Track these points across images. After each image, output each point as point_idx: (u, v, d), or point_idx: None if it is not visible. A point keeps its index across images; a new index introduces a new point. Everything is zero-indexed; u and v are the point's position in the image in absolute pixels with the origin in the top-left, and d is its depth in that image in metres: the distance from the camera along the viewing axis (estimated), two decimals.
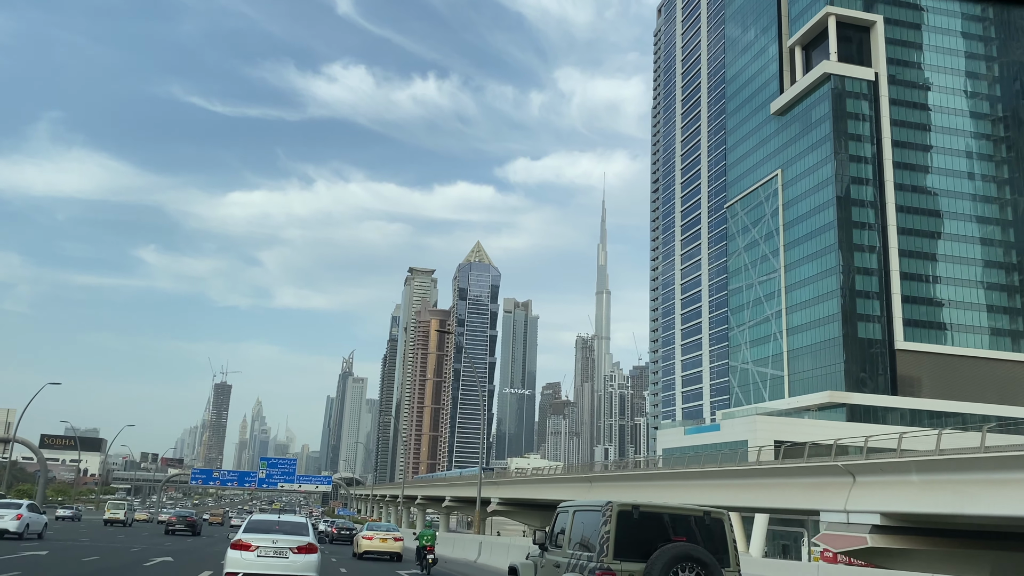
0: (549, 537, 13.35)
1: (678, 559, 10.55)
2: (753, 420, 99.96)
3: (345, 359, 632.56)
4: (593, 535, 11.41)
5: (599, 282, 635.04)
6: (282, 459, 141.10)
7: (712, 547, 11.17)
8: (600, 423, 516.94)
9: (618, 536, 11.01)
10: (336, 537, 60.58)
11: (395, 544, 36.40)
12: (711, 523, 11.47)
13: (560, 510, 13.42)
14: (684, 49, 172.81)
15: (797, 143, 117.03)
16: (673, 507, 11.57)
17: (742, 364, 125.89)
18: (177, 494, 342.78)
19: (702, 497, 46.12)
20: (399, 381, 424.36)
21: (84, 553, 27.68)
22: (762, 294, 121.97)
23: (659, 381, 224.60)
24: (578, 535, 12.13)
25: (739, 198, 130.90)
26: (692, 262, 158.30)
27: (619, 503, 11.30)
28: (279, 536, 16.81)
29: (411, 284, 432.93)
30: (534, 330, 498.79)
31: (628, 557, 10.91)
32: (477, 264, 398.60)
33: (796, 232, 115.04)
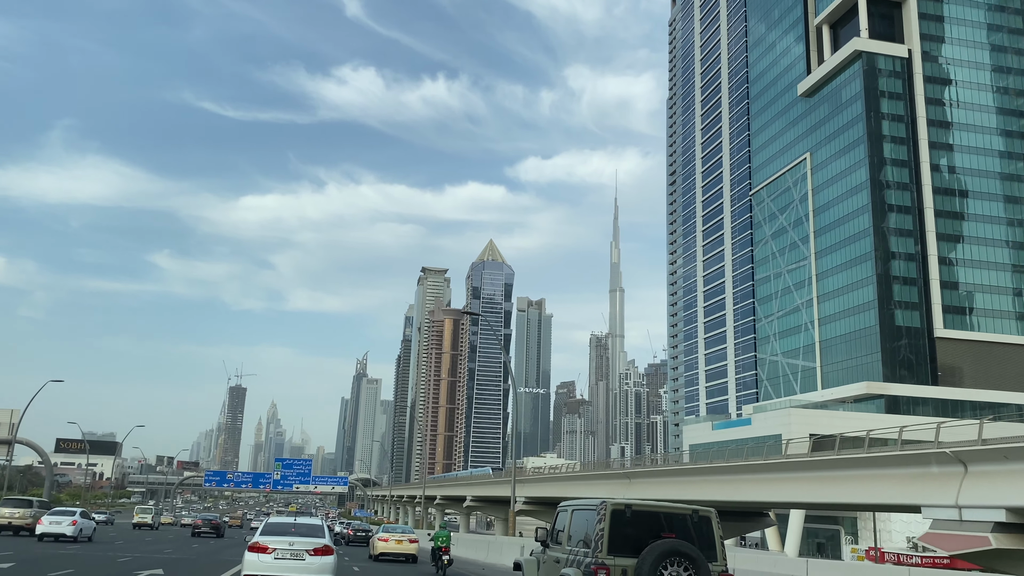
0: (550, 535, 14.00)
1: (667, 554, 11.12)
2: (787, 413, 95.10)
3: (359, 360, 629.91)
4: (589, 532, 11.98)
5: (612, 280, 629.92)
6: (297, 460, 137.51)
7: (700, 543, 11.77)
8: (616, 421, 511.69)
9: (612, 533, 11.59)
10: (352, 539, 59.95)
11: (410, 546, 36.68)
12: (699, 521, 12.03)
13: (560, 509, 13.89)
14: (703, 35, 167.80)
15: (826, 125, 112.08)
16: (664, 506, 12.10)
17: (771, 356, 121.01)
18: (193, 497, 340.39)
19: (759, 493, 41.56)
20: (413, 381, 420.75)
21: (120, 554, 31.42)
22: (791, 283, 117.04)
23: (679, 377, 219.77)
24: (576, 532, 12.70)
25: (765, 184, 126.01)
26: (715, 253, 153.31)
27: (613, 502, 11.85)
28: (295, 538, 16.93)
29: (424, 284, 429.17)
30: (548, 329, 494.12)
31: (621, 553, 11.48)
32: (490, 263, 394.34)
33: (827, 217, 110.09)
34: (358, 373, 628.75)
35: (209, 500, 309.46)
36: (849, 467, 30.82)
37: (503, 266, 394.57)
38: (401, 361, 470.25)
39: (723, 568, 11.92)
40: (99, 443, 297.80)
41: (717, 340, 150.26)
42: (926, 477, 26.83)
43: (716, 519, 12.30)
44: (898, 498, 28.09)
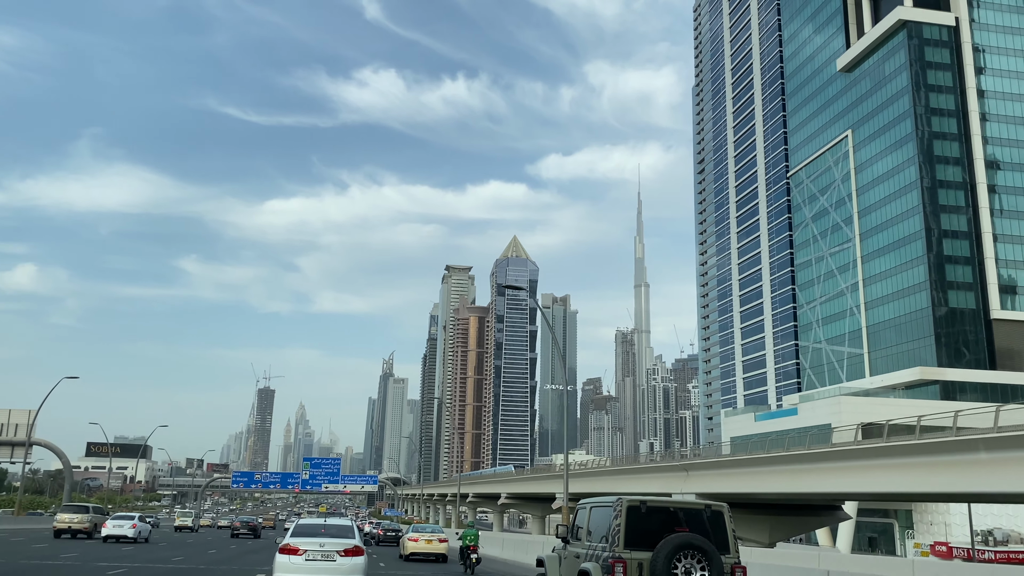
0: (571, 531, 14.39)
1: (681, 547, 11.56)
2: (837, 402, 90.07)
3: (385, 360, 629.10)
4: (606, 528, 12.43)
5: (637, 275, 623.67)
6: (325, 459, 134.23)
7: (714, 537, 12.14)
8: (644, 417, 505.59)
9: (628, 528, 12.01)
10: (382, 539, 59.78)
11: (440, 545, 36.83)
12: (712, 515, 12.38)
13: (579, 507, 14.26)
14: (731, 15, 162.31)
15: (869, 100, 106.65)
16: (678, 502, 12.53)
17: (814, 344, 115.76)
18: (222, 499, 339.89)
19: (840, 483, 37.10)
20: (440, 380, 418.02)
21: (177, 553, 34.56)
22: (834, 266, 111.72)
23: (712, 370, 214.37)
24: (594, 529, 13.09)
25: (803, 165, 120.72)
26: (750, 240, 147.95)
27: (628, 499, 12.29)
28: (326, 539, 16.95)
29: (448, 282, 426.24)
30: (573, 325, 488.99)
31: (637, 547, 11.88)
32: (514, 259, 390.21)
33: (871, 197, 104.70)
34: (384, 373, 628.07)
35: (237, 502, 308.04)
36: (903, 455, 26.49)
37: (527, 262, 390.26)
38: (427, 360, 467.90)
39: (736, 560, 12.27)
40: (129, 446, 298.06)
41: (754, 330, 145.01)
42: (975, 464, 22.55)
43: (728, 513, 12.63)
44: (951, 486, 23.86)
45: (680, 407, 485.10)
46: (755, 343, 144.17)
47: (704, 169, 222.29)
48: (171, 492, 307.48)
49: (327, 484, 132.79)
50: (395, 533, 59.09)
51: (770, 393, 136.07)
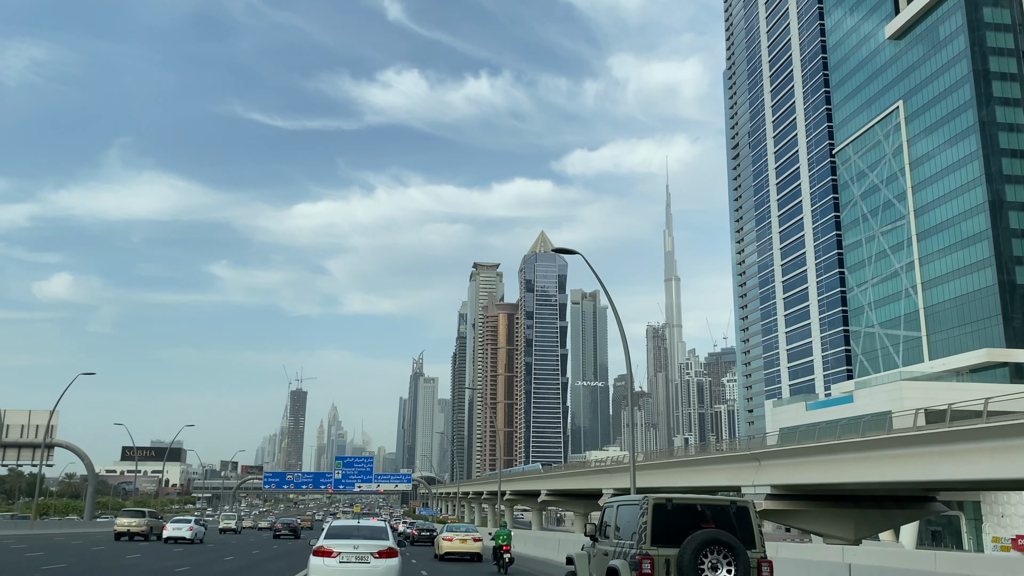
0: (599, 529, 14.55)
1: (707, 543, 11.65)
2: (898, 387, 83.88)
3: (415, 360, 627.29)
4: (633, 526, 12.61)
5: (667, 269, 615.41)
6: (358, 458, 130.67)
7: (740, 532, 12.26)
8: (677, 412, 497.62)
9: (654, 525, 12.15)
10: (417, 539, 59.32)
11: (475, 544, 36.83)
12: (737, 511, 12.49)
13: (606, 505, 14.45)
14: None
15: (922, 68, 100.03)
16: (703, 499, 12.61)
17: (866, 328, 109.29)
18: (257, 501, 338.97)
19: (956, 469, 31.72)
20: (470, 378, 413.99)
21: (228, 553, 36.92)
22: (887, 246, 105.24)
23: (751, 361, 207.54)
24: (622, 526, 13.28)
25: (850, 141, 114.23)
26: (792, 223, 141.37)
27: (654, 497, 12.43)
28: (360, 541, 16.76)
29: (476, 280, 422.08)
30: (604, 321, 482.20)
31: (664, 543, 12.01)
32: (543, 255, 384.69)
33: (928, 169, 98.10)
34: (415, 373, 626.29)
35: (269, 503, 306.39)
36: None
37: (556, 257, 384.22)
38: (457, 359, 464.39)
39: (762, 554, 12.26)
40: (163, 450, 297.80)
41: (798, 317, 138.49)
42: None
43: (754, 509, 12.63)
44: None
45: (715, 401, 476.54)
46: (800, 331, 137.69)
47: (739, 155, 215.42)
48: (206, 495, 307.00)
49: (360, 483, 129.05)
50: (429, 533, 58.94)
51: (818, 382, 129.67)
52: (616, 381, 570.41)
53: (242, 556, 34.65)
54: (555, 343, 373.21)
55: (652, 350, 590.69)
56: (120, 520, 48.88)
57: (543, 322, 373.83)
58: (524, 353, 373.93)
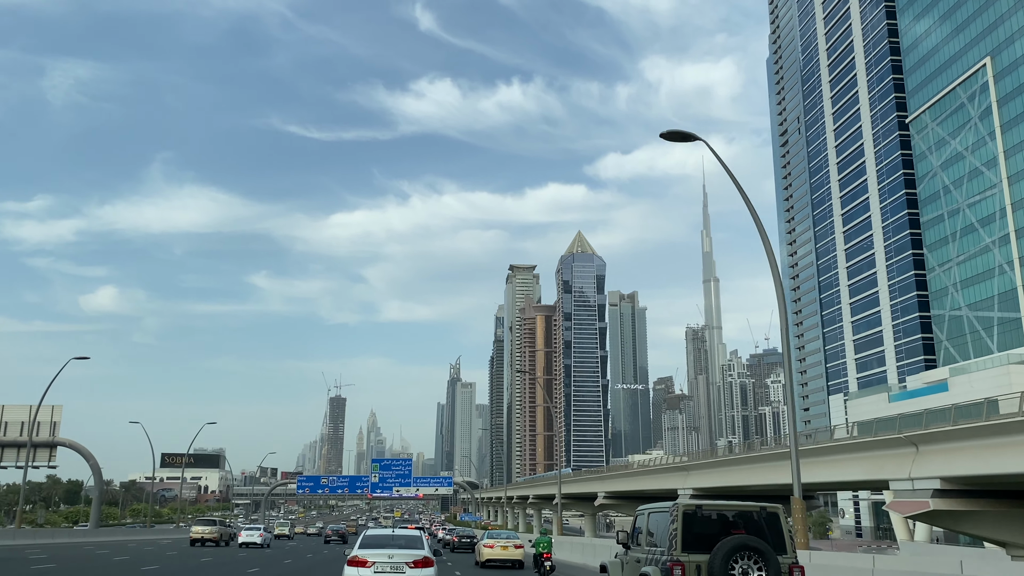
0: (631, 537, 14.65)
1: (737, 548, 11.55)
2: (1005, 371, 73.28)
3: (452, 365, 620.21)
4: (664, 532, 12.56)
5: (706, 270, 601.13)
6: (396, 460, 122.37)
7: (770, 538, 12.11)
8: (720, 415, 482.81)
9: (685, 532, 12.06)
10: (457, 545, 58.24)
11: (516, 552, 36.17)
12: (767, 516, 12.39)
13: (638, 513, 14.57)
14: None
15: (1013, 18, 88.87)
16: (733, 505, 12.63)
17: (952, 312, 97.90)
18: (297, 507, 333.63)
19: None
20: (508, 381, 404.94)
21: (286, 556, 41.56)
22: (975, 219, 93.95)
23: (805, 357, 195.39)
24: (653, 533, 13.28)
25: (927, 106, 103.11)
26: (855, 205, 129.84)
27: (684, 504, 12.43)
28: (395, 551, 16.18)
29: (512, 282, 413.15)
30: (643, 322, 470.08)
31: (694, 550, 11.91)
32: (580, 255, 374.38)
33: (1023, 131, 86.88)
34: (452, 378, 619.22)
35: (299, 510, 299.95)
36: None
37: (593, 257, 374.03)
38: (494, 362, 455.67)
39: (793, 560, 12.13)
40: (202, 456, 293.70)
41: (865, 305, 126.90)
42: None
43: (784, 515, 12.49)
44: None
45: (759, 404, 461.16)
46: (867, 320, 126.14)
47: (787, 140, 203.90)
48: (244, 501, 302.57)
49: (398, 487, 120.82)
50: (470, 540, 57.59)
51: (890, 374, 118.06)
52: (656, 384, 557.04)
53: (299, 559, 38.81)
54: (594, 344, 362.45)
55: (692, 352, 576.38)
56: (195, 528, 53.40)
57: (582, 323, 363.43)
58: (563, 355, 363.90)
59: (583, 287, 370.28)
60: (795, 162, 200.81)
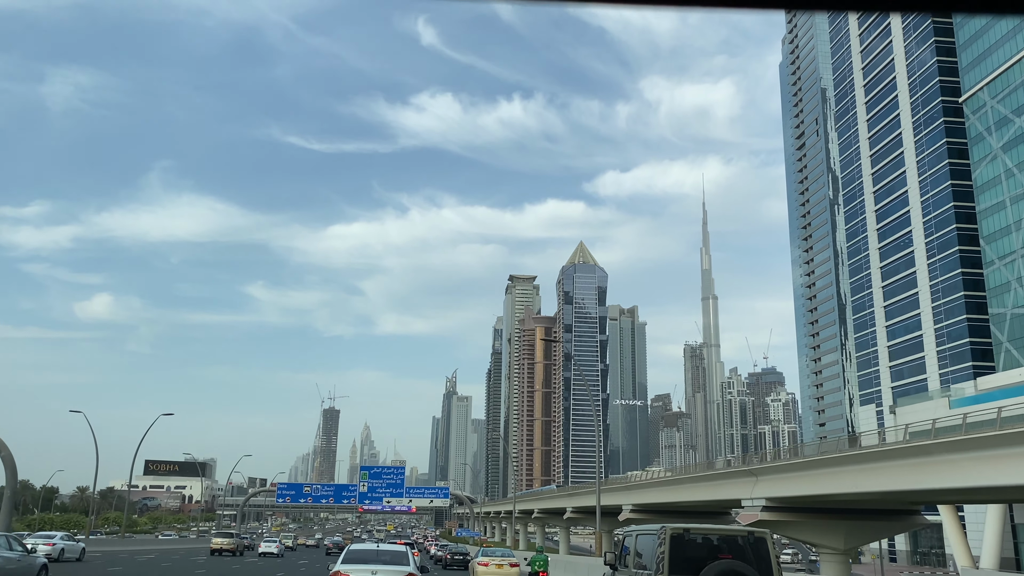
0: (618, 558, 14.29)
1: (724, 573, 11.26)
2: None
3: (448, 378, 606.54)
4: (651, 555, 12.32)
5: (704, 288, 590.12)
6: (386, 468, 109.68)
7: (757, 563, 11.79)
8: (719, 433, 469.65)
9: (672, 555, 11.79)
10: (449, 562, 56.23)
11: (511, 570, 35.40)
12: (755, 541, 12.15)
13: (625, 534, 14.47)
14: None
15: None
16: (720, 529, 12.67)
17: (1014, 309, 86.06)
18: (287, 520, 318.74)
19: None
20: (505, 394, 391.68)
21: (298, 562, 53.32)
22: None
23: (821, 370, 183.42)
24: (640, 556, 13.08)
25: (983, 84, 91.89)
26: (892, 199, 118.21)
27: (671, 527, 12.23)
28: (379, 567, 15.45)
29: (512, 293, 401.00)
30: (642, 338, 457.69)
31: (681, 573, 11.61)
32: (582, 265, 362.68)
33: None
34: (448, 391, 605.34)
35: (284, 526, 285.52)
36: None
37: (596, 268, 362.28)
38: (492, 375, 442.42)
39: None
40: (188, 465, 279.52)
41: (902, 308, 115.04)
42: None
43: (771, 540, 12.28)
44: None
45: (758, 422, 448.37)
46: (904, 324, 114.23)
47: (804, 132, 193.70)
48: (231, 512, 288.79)
49: (389, 498, 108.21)
50: (463, 556, 55.96)
51: (931, 381, 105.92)
52: (653, 402, 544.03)
53: (314, 562, 49.29)
54: (595, 357, 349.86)
55: (690, 370, 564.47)
56: (215, 540, 60.39)
57: (582, 336, 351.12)
58: (563, 368, 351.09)
59: (584, 298, 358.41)
60: (812, 165, 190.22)
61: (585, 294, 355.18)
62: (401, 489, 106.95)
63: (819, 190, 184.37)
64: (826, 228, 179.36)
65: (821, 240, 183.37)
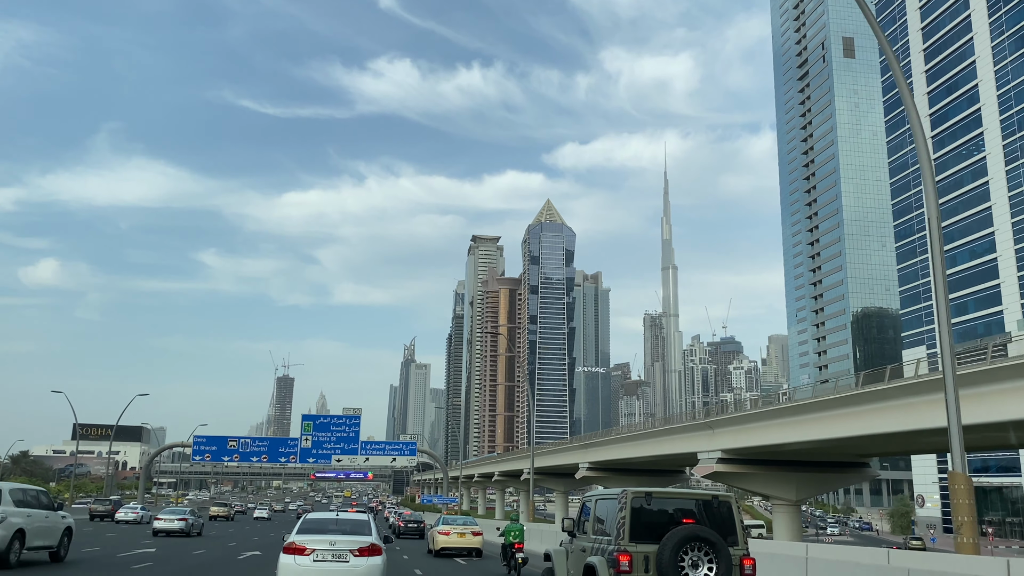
0: (576, 524, 13.37)
1: (687, 539, 10.67)
2: None
3: (406, 346, 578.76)
4: (611, 521, 11.57)
5: (664, 258, 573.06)
6: (337, 417, 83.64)
7: (720, 528, 11.21)
8: (681, 401, 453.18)
9: (633, 521, 11.11)
10: (403, 531, 50.02)
11: (474, 539, 31.88)
12: (719, 506, 11.49)
13: (584, 500, 13.41)
14: None
15: None
16: (683, 493, 11.69)
17: None
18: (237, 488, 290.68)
19: None
20: (467, 359, 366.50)
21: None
22: None
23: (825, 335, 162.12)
24: (599, 522, 12.28)
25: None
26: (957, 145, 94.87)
27: (633, 491, 11.42)
28: (337, 537, 13.77)
29: (475, 254, 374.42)
30: (606, 304, 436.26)
31: (643, 540, 10.99)
32: (549, 224, 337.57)
33: None
34: (406, 359, 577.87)
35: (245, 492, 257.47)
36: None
37: (563, 228, 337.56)
38: (452, 340, 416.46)
39: (744, 552, 11.26)
40: (123, 429, 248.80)
41: (970, 227, 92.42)
42: None
43: (736, 504, 11.66)
44: None
45: (720, 389, 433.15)
46: (969, 248, 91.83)
47: (809, 96, 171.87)
48: (171, 479, 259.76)
49: (339, 455, 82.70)
50: (417, 524, 50.66)
51: (1010, 312, 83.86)
52: (612, 370, 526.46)
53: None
54: (561, 319, 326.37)
55: (650, 339, 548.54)
56: (213, 508, 75.04)
57: (548, 297, 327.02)
58: (527, 332, 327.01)
59: (551, 258, 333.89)
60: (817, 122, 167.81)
61: (552, 254, 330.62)
62: (355, 444, 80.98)
63: (827, 148, 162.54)
64: (834, 191, 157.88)
65: (828, 204, 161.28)
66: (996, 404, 28.53)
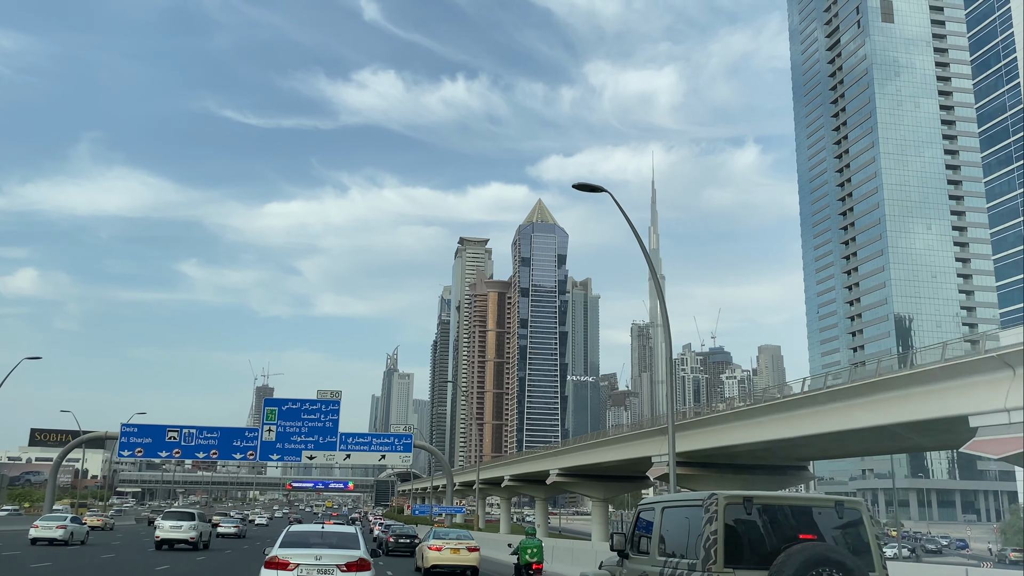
0: (630, 541, 9.53)
1: (812, 563, 7.17)
2: None
3: (389, 356, 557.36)
4: (694, 536, 7.93)
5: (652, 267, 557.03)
6: (310, 402, 65.07)
7: (850, 546, 7.79)
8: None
9: (728, 537, 7.58)
10: (393, 547, 41.00)
11: (469, 556, 26.98)
12: (846, 515, 7.95)
13: (642, 507, 9.62)
14: None
15: None
16: (797, 497, 8.07)
17: None
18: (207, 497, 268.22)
19: None
20: (453, 365, 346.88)
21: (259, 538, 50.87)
22: None
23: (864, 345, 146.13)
24: (670, 538, 8.57)
25: None
26: None
27: (727, 495, 7.81)
28: (323, 551, 12.67)
29: (462, 256, 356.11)
30: (595, 312, 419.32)
31: (743, 564, 7.47)
32: (540, 225, 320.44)
33: None
34: (388, 369, 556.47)
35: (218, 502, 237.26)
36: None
37: (555, 228, 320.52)
38: (438, 347, 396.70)
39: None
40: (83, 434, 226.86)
41: None
42: None
43: (867, 512, 7.98)
44: None
45: (712, 399, 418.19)
46: None
47: (845, 108, 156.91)
48: (134, 489, 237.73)
49: (312, 451, 64.14)
50: (409, 540, 41.82)
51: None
52: (600, 380, 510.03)
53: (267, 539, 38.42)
54: (553, 323, 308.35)
55: (637, 349, 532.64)
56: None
57: (540, 301, 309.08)
58: (517, 336, 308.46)
59: (542, 260, 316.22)
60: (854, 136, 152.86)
61: (543, 255, 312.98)
62: (333, 437, 62.30)
63: (868, 165, 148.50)
64: (874, 199, 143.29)
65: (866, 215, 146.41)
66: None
